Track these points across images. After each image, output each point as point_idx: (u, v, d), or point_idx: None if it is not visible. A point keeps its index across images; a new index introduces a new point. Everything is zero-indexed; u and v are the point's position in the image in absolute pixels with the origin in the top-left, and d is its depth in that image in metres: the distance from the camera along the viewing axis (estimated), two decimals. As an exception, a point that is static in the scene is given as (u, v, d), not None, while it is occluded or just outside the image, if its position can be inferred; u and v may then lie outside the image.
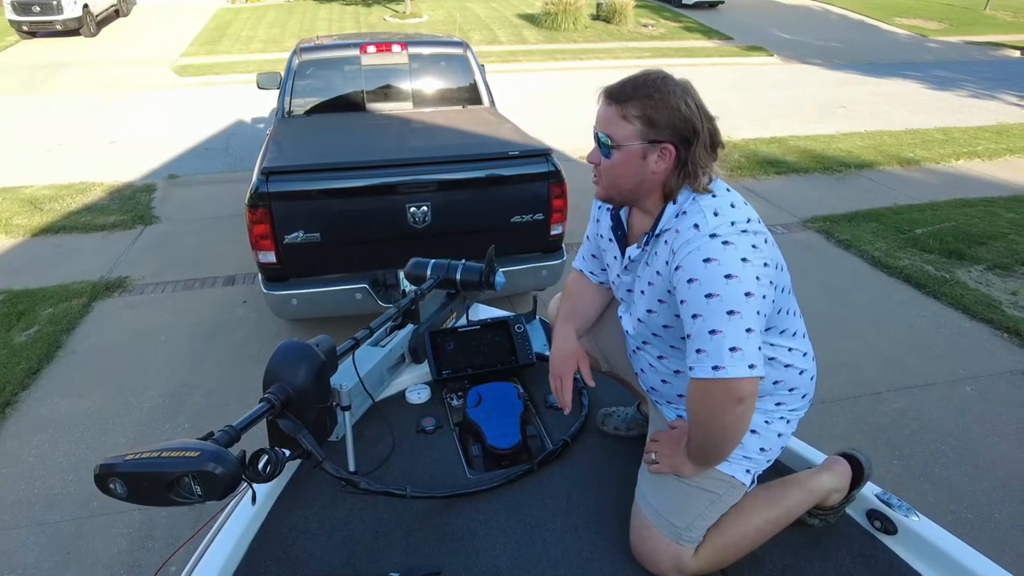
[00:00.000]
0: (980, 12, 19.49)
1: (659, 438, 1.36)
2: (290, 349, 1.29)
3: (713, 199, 1.20)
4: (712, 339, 1.10)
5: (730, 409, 1.13)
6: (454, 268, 1.91)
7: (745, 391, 1.11)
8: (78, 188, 6.26)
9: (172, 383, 3.38)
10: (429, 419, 1.67)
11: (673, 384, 1.37)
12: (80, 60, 12.54)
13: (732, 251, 1.12)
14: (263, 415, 1.23)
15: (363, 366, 1.59)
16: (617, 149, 1.20)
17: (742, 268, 1.11)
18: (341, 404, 1.40)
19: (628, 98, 1.18)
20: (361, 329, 1.56)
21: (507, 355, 1.83)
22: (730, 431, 1.16)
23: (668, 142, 1.19)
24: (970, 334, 3.84)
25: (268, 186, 2.94)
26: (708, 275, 1.11)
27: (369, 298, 3.19)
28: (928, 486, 2.70)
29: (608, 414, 1.69)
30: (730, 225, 1.15)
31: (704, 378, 1.12)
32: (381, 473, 1.50)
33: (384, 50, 4.31)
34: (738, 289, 1.10)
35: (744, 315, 1.10)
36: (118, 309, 4.14)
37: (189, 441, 1.06)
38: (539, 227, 3.33)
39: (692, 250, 1.14)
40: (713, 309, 1.10)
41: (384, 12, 16.61)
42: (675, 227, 1.21)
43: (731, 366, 1.09)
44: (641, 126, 1.18)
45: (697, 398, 1.17)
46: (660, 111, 1.17)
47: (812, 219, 5.49)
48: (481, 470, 1.55)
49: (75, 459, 2.86)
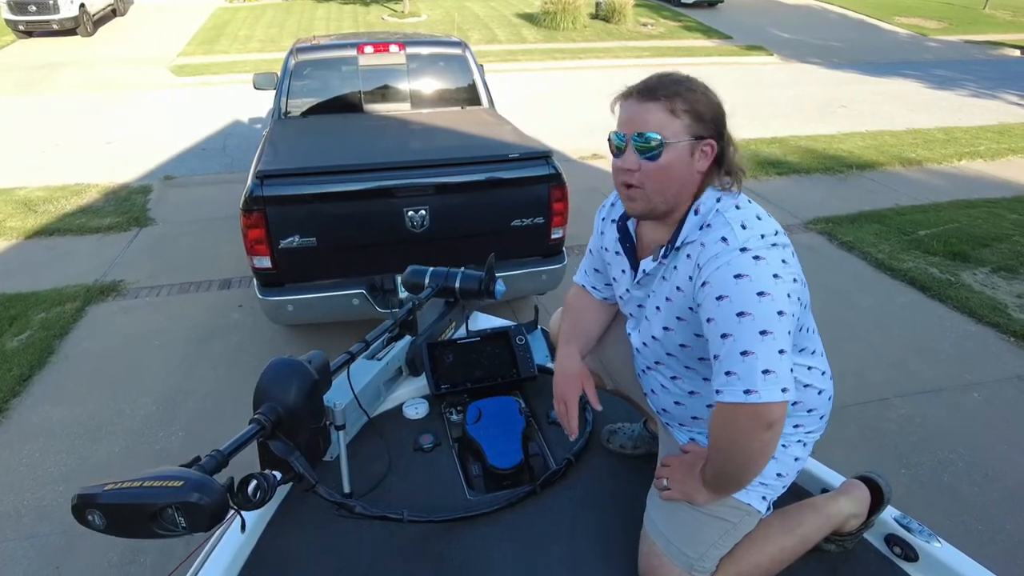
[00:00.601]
0: (979, 11, 19.45)
1: (671, 463, 1.30)
2: (280, 367, 1.23)
3: (738, 211, 1.14)
4: (744, 361, 1.04)
5: (758, 435, 1.06)
6: (453, 276, 1.85)
7: (775, 416, 1.04)
8: (73, 189, 6.20)
9: (166, 389, 3.32)
10: (427, 436, 1.61)
11: (687, 406, 1.31)
12: (76, 60, 12.47)
13: (764, 266, 1.05)
14: (252, 437, 1.17)
15: (358, 381, 1.53)
16: (667, 148, 1.11)
17: (774, 285, 1.05)
18: (335, 423, 1.34)
19: (673, 93, 1.12)
20: (356, 342, 1.50)
21: (508, 368, 1.77)
22: (755, 459, 1.10)
23: (711, 137, 1.13)
24: (976, 338, 3.79)
25: (263, 190, 2.87)
26: (739, 292, 1.05)
27: (366, 303, 3.13)
28: (937, 496, 2.65)
29: (613, 431, 1.63)
30: (760, 238, 1.09)
31: (733, 402, 1.05)
32: (377, 494, 1.44)
33: (381, 50, 4.25)
34: (771, 307, 1.04)
35: (777, 335, 1.03)
36: (112, 313, 4.08)
37: (172, 469, 1.00)
38: (539, 231, 3.27)
39: (721, 265, 1.07)
40: (745, 329, 1.04)
41: (382, 11, 16.54)
42: (699, 240, 1.14)
43: (764, 390, 1.03)
44: (690, 120, 1.11)
45: (722, 423, 1.10)
46: (704, 104, 1.13)
47: (814, 220, 5.44)
48: (481, 490, 1.49)
49: (66, 469, 2.80)
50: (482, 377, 1.76)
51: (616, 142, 1.18)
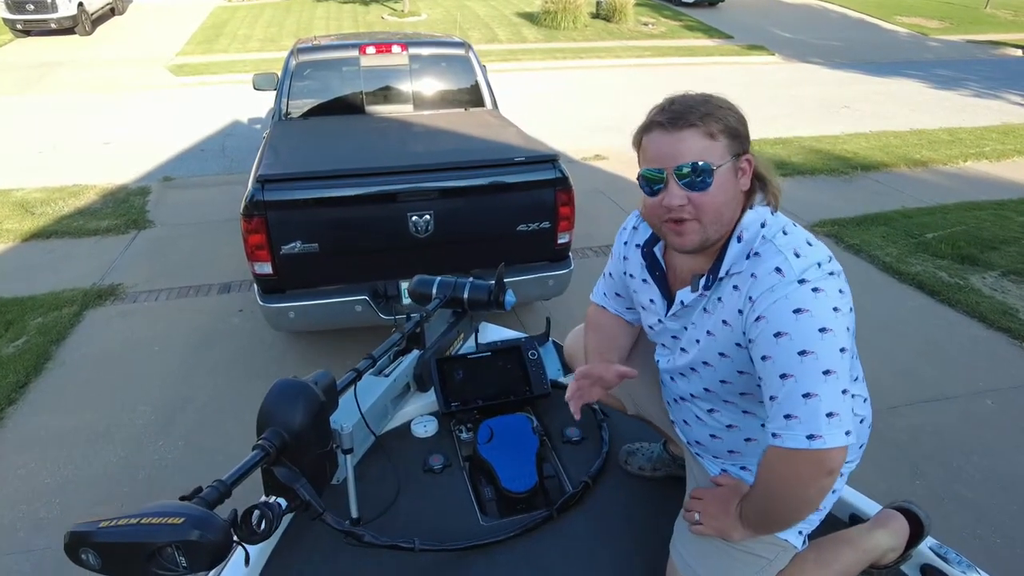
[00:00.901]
0: (980, 11, 19.40)
1: (703, 496, 1.22)
2: (285, 389, 1.17)
3: (786, 236, 1.06)
4: (807, 404, 0.96)
5: (817, 482, 0.99)
6: (461, 286, 1.78)
7: (837, 461, 0.97)
8: (71, 191, 6.13)
9: (165, 397, 3.26)
10: (437, 456, 1.55)
11: (724, 439, 1.24)
12: (75, 59, 12.39)
13: (824, 300, 0.98)
14: (257, 464, 1.11)
15: (366, 400, 1.47)
16: (716, 173, 1.04)
17: (835, 319, 0.98)
18: (342, 447, 1.28)
19: (704, 115, 1.04)
20: (363, 359, 1.43)
21: (520, 385, 1.71)
22: (809, 504, 1.03)
23: (746, 151, 1.08)
24: (987, 343, 3.73)
25: (264, 195, 2.81)
26: (800, 329, 0.97)
27: (369, 310, 3.07)
28: (953, 507, 2.59)
29: (632, 452, 1.56)
30: (817, 267, 1.01)
31: (794, 448, 0.97)
32: (386, 520, 1.38)
33: (384, 51, 4.19)
34: (833, 344, 0.97)
35: (840, 374, 0.97)
36: (110, 318, 4.02)
37: (172, 504, 0.94)
38: (546, 235, 3.21)
39: (779, 299, 1.00)
40: (808, 369, 0.96)
41: (382, 10, 16.47)
42: (749, 270, 1.06)
43: (829, 434, 0.95)
44: (727, 140, 1.05)
45: (777, 468, 1.02)
46: (735, 118, 1.07)
47: (820, 223, 5.38)
48: (495, 515, 1.43)
49: (63, 480, 2.74)
50: (494, 394, 1.69)
51: (651, 177, 1.08)
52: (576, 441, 1.62)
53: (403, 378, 1.69)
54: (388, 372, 1.65)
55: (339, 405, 1.30)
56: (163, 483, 2.74)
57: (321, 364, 3.51)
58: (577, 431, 1.64)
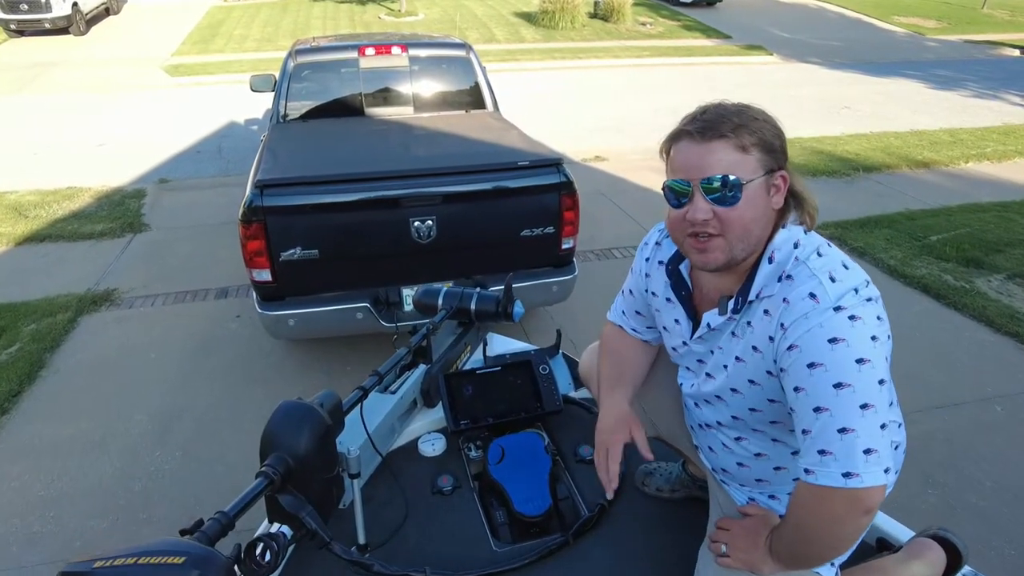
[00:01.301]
0: (978, 11, 19.40)
1: (730, 527, 1.17)
2: (290, 412, 1.11)
3: (821, 259, 1.00)
4: (843, 440, 0.91)
5: (854, 521, 0.93)
6: (468, 297, 1.73)
7: (875, 500, 0.92)
8: (65, 193, 6.06)
9: (162, 405, 3.20)
10: (446, 477, 1.49)
11: (752, 468, 1.18)
12: (69, 59, 12.29)
13: (861, 328, 0.93)
14: (261, 493, 1.05)
15: (372, 419, 1.41)
16: (745, 188, 0.99)
17: (873, 349, 0.92)
18: (349, 472, 1.22)
19: (738, 125, 0.99)
20: (368, 376, 1.38)
21: (531, 401, 1.65)
22: (845, 543, 0.98)
23: (781, 167, 1.02)
24: (995, 348, 3.69)
25: (263, 200, 2.75)
26: (837, 360, 0.91)
27: (371, 317, 3.02)
28: (966, 518, 2.55)
29: (649, 472, 1.51)
30: (854, 293, 0.95)
31: (830, 486, 0.92)
32: (394, 545, 1.32)
33: (383, 52, 4.13)
34: (872, 377, 0.91)
35: (878, 408, 0.91)
36: (105, 324, 3.95)
37: (171, 542, 0.89)
38: (550, 241, 3.16)
39: (813, 327, 0.94)
40: (844, 402, 0.91)
41: (379, 10, 16.39)
42: (781, 295, 1.00)
43: (867, 473, 0.90)
44: (761, 154, 0.99)
45: (811, 506, 0.96)
46: (771, 132, 1.01)
47: (823, 225, 5.33)
48: (508, 540, 1.37)
49: (57, 493, 2.68)
50: (504, 411, 1.63)
51: (678, 189, 1.02)
52: (590, 460, 1.56)
53: (410, 394, 1.63)
54: (394, 389, 1.59)
55: (345, 426, 1.25)
56: (160, 494, 2.68)
57: (321, 371, 3.47)
58: (591, 449, 1.58)
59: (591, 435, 1.65)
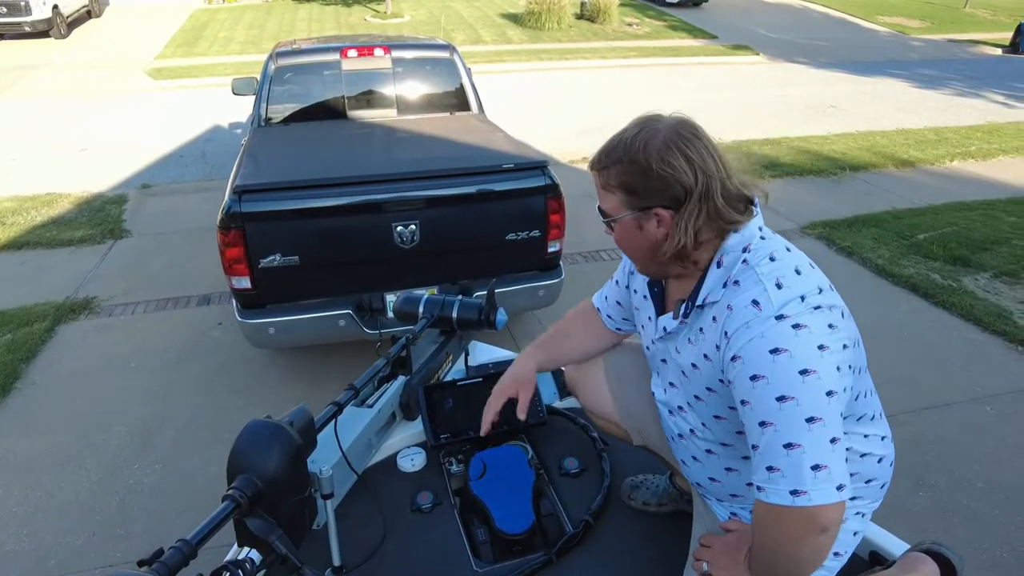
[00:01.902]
0: (960, 10, 19.56)
1: (712, 544, 1.13)
2: (258, 431, 1.06)
3: (772, 264, 0.96)
4: (789, 455, 0.87)
5: (810, 541, 0.90)
6: (450, 305, 1.68)
7: (831, 518, 0.88)
8: (44, 200, 5.95)
9: (141, 416, 3.13)
10: (425, 494, 1.44)
11: (724, 483, 1.15)
12: (49, 63, 12.12)
13: (806, 337, 0.89)
14: (226, 518, 1.00)
15: (347, 435, 1.35)
16: (616, 223, 1.05)
17: (820, 360, 0.88)
18: (322, 492, 1.17)
19: (604, 166, 1.02)
20: (344, 390, 1.32)
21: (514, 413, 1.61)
22: (806, 564, 0.93)
23: (657, 207, 0.98)
24: (983, 347, 3.69)
25: (241, 206, 2.69)
26: (778, 372, 0.88)
27: (354, 324, 2.96)
28: (958, 520, 2.53)
29: (635, 485, 1.46)
30: (799, 301, 0.92)
31: (780, 504, 0.89)
32: (371, 567, 1.27)
33: (366, 54, 4.07)
34: (817, 389, 0.87)
35: (827, 421, 0.87)
36: (84, 333, 3.87)
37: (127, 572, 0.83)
38: (535, 244, 3.11)
39: (754, 337, 0.91)
40: (788, 416, 0.87)
41: (365, 12, 16.30)
42: (726, 301, 0.97)
43: (815, 490, 0.87)
44: (623, 195, 1.01)
45: (767, 525, 0.93)
46: (633, 176, 0.99)
47: (811, 225, 5.34)
48: (489, 559, 1.32)
49: (31, 509, 2.60)
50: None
51: None
52: (575, 473, 1.52)
53: (388, 408, 1.57)
54: (372, 402, 1.53)
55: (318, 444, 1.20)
56: (138, 509, 2.61)
57: (304, 380, 3.41)
58: (576, 462, 1.54)
59: (577, 447, 1.61)
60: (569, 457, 1.56)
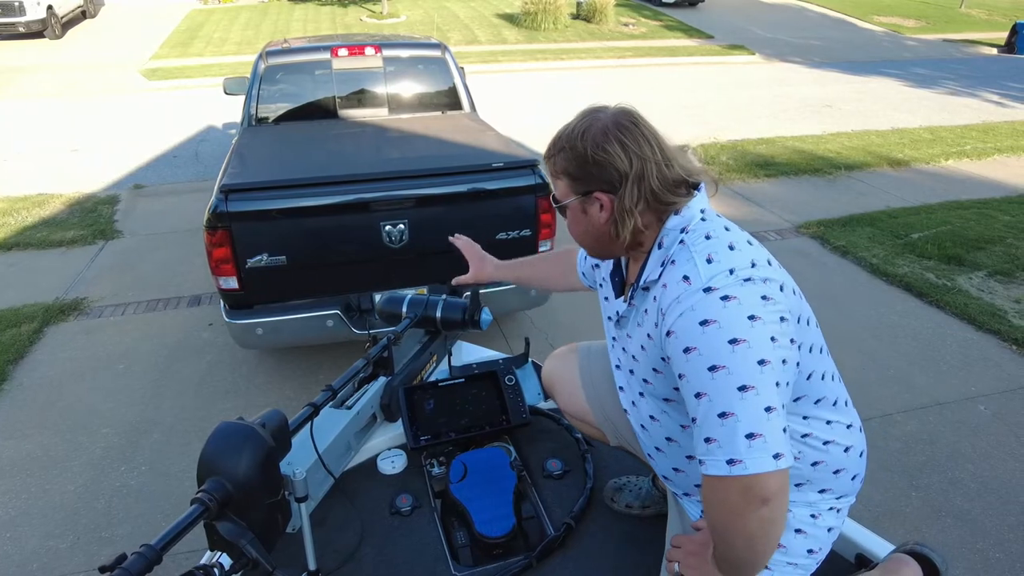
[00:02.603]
0: (955, 10, 19.59)
1: (682, 544, 1.12)
2: (228, 433, 1.04)
3: (707, 241, 0.98)
4: (724, 425, 0.88)
5: (753, 513, 0.88)
6: (433, 305, 1.66)
7: (770, 488, 0.87)
8: (35, 200, 5.92)
9: (129, 418, 3.10)
10: (405, 497, 1.42)
11: (687, 473, 1.14)
12: (44, 64, 12.08)
13: (735, 308, 0.90)
14: (194, 522, 0.98)
15: (324, 438, 1.33)
16: (564, 208, 1.11)
17: (750, 329, 0.89)
18: (295, 495, 1.15)
19: (551, 155, 1.09)
20: (321, 391, 1.30)
21: (497, 414, 1.58)
22: (758, 540, 0.91)
23: (596, 191, 1.03)
24: (978, 346, 3.67)
25: (228, 206, 2.67)
26: (708, 342, 0.89)
27: (342, 324, 2.93)
28: (951, 521, 2.51)
29: (618, 488, 1.44)
30: (728, 274, 0.93)
31: (718, 475, 0.89)
32: (348, 570, 1.25)
33: (357, 53, 4.04)
34: (748, 357, 0.88)
35: (760, 390, 0.87)
36: (73, 334, 3.84)
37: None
38: (526, 244, 3.09)
39: (684, 310, 0.92)
40: (719, 386, 0.88)
41: (361, 12, 16.27)
42: (663, 280, 0.99)
43: (750, 458, 0.86)
44: (568, 180, 1.07)
45: (712, 500, 0.93)
46: (573, 162, 1.05)
47: (805, 224, 5.32)
48: (469, 563, 1.29)
49: (15, 512, 2.57)
50: (468, 426, 1.56)
51: None
52: (558, 475, 1.50)
53: (368, 409, 1.55)
54: (351, 403, 1.51)
55: (293, 446, 1.17)
56: (124, 512, 2.58)
57: (294, 380, 3.38)
58: (559, 463, 1.52)
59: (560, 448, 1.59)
60: (552, 459, 1.54)
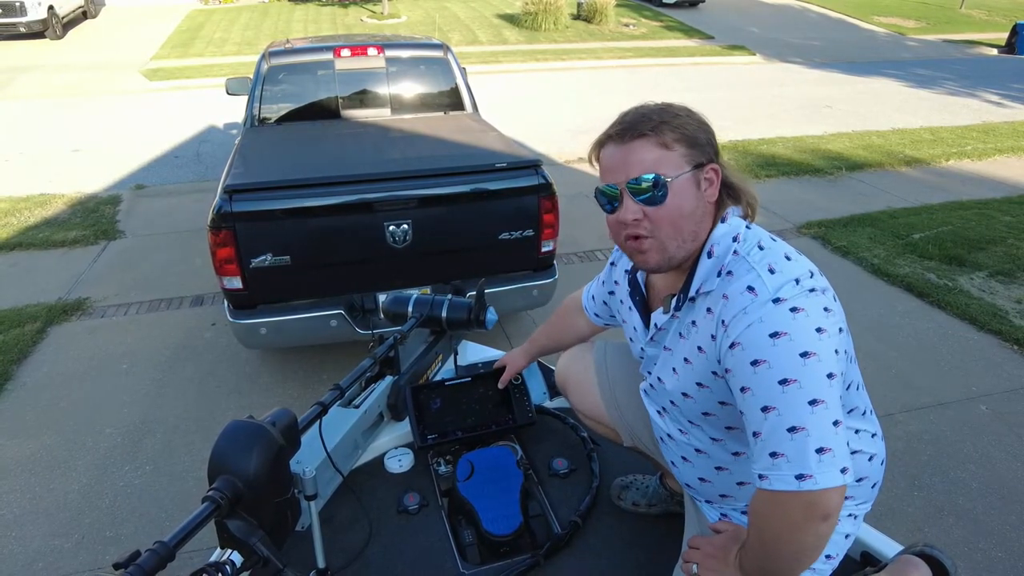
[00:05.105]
0: (956, 11, 19.60)
1: (700, 545, 1.11)
2: (239, 432, 1.04)
3: (762, 251, 0.96)
4: (794, 439, 0.85)
5: (812, 528, 0.87)
6: (439, 305, 1.66)
7: (833, 504, 0.86)
8: (37, 200, 5.92)
9: (133, 418, 3.11)
10: (412, 495, 1.42)
11: (715, 483, 1.13)
12: (44, 64, 12.09)
13: (804, 321, 0.88)
14: (206, 520, 0.98)
15: (332, 436, 1.34)
16: (671, 185, 0.97)
17: (819, 342, 0.87)
18: (305, 493, 1.15)
19: (657, 124, 0.98)
20: (328, 390, 1.30)
21: (503, 413, 1.59)
22: (807, 553, 0.91)
23: (711, 161, 0.99)
24: (979, 347, 3.67)
25: (232, 206, 2.67)
26: (779, 355, 0.87)
27: (346, 325, 2.94)
28: (953, 520, 2.51)
29: (625, 486, 1.44)
30: (795, 284, 0.91)
31: (784, 490, 0.87)
32: (357, 569, 1.25)
33: (359, 53, 4.05)
34: (819, 371, 0.86)
35: (829, 404, 0.86)
36: (76, 335, 3.84)
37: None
38: (529, 244, 3.10)
39: (753, 322, 0.89)
40: (791, 400, 0.86)
41: (361, 13, 16.28)
42: (721, 291, 0.96)
43: (820, 474, 0.85)
44: (685, 149, 0.98)
45: (768, 513, 0.91)
46: (695, 127, 0.99)
47: (807, 224, 5.33)
48: (476, 561, 1.30)
49: (19, 512, 2.58)
50: (474, 425, 1.57)
51: (608, 193, 1.03)
52: (564, 474, 1.50)
53: (375, 408, 1.56)
54: (358, 402, 1.51)
55: (302, 445, 1.18)
56: (128, 511, 2.59)
57: (297, 380, 3.39)
58: (565, 462, 1.53)
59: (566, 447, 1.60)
60: (558, 457, 1.55)
